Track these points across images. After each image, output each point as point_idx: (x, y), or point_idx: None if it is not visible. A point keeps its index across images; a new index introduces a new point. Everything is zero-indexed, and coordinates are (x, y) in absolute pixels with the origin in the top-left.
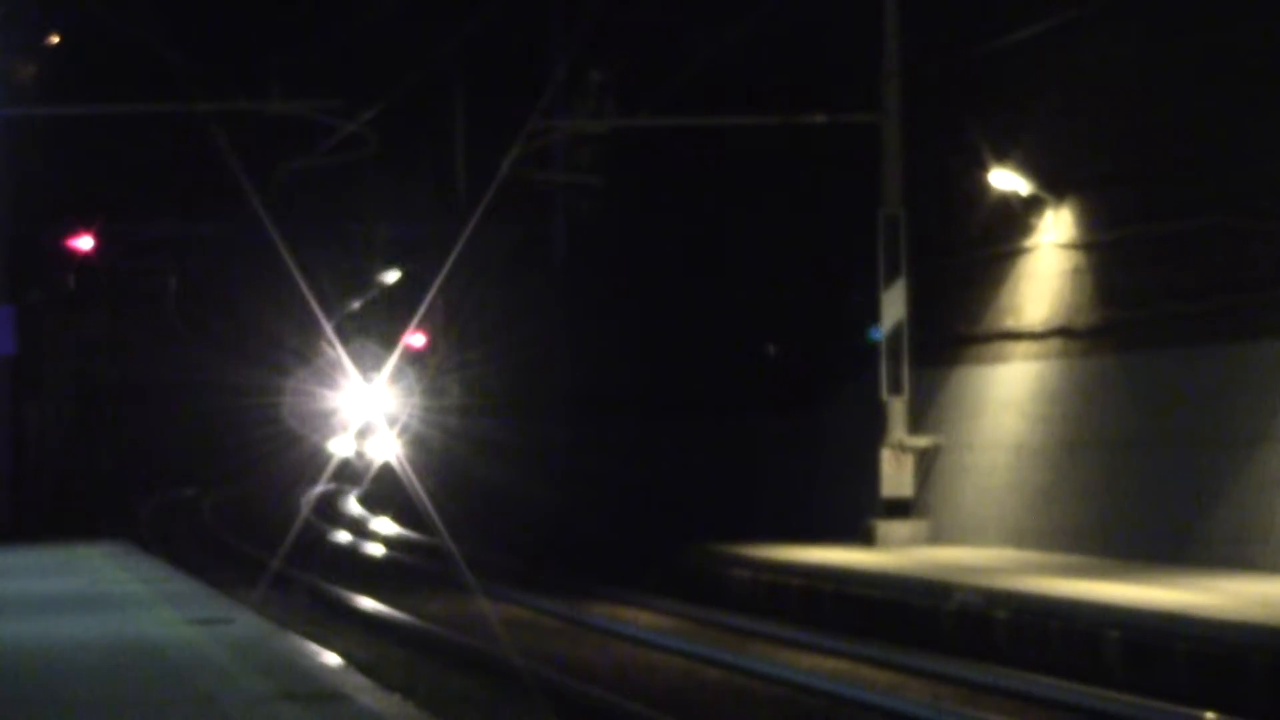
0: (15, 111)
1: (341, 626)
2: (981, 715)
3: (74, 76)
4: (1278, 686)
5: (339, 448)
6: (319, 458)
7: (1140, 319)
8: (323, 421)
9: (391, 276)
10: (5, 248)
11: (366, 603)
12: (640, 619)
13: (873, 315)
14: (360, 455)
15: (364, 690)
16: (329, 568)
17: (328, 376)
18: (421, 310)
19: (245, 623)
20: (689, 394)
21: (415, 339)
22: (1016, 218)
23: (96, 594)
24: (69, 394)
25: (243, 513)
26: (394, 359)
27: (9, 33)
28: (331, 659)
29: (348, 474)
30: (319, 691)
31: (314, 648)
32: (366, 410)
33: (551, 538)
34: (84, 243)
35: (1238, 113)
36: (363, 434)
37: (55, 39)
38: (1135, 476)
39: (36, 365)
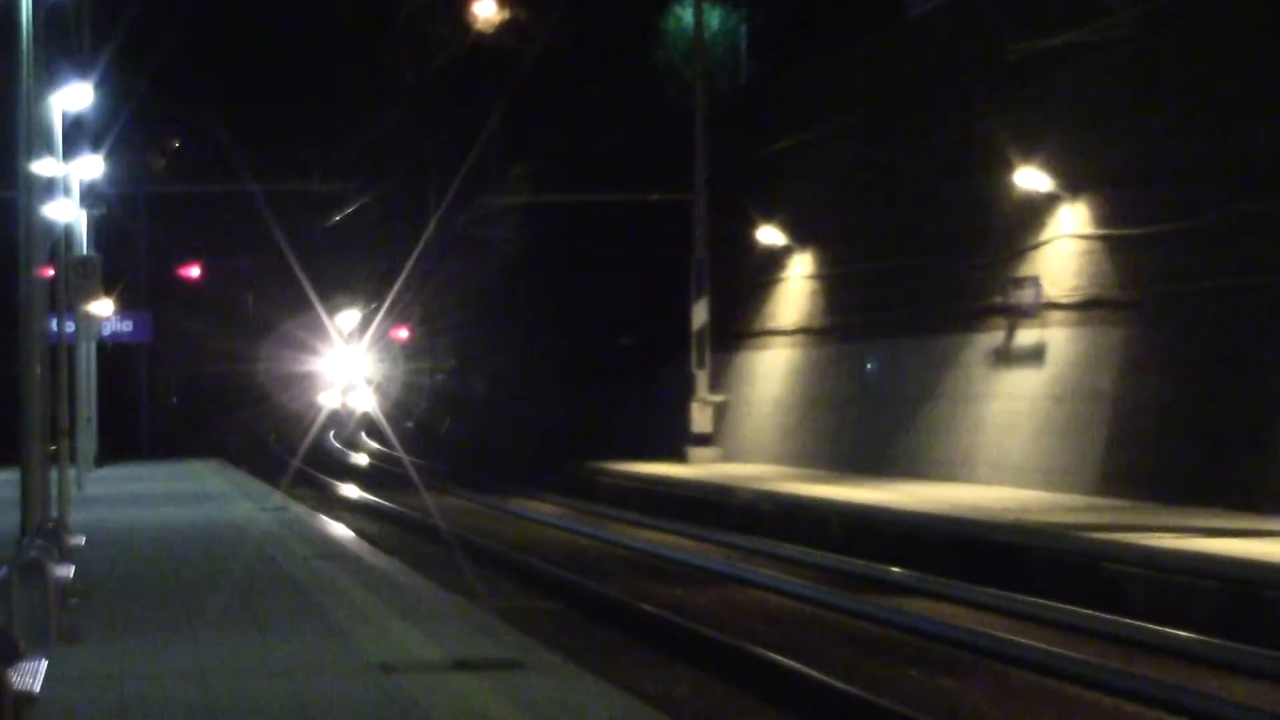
0: (154, 189)
1: (351, 508)
2: (755, 568)
3: (188, 165)
4: (939, 551)
5: (329, 401)
6: (322, 408)
7: (854, 322)
8: (326, 384)
9: (384, 295)
10: (147, 275)
11: (373, 497)
12: (541, 508)
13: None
14: (344, 406)
15: (369, 553)
16: (341, 473)
17: (331, 356)
18: (382, 311)
19: (295, 510)
20: (577, 367)
21: (401, 332)
22: (776, 259)
23: (200, 492)
24: (182, 368)
25: (287, 441)
26: (371, 340)
27: (148, 137)
28: (348, 532)
29: (337, 420)
30: (340, 553)
31: (337, 525)
32: (352, 375)
33: (486, 459)
34: (193, 271)
35: (918, 195)
36: (346, 390)
37: (176, 143)
38: (850, 420)
39: (163, 349)
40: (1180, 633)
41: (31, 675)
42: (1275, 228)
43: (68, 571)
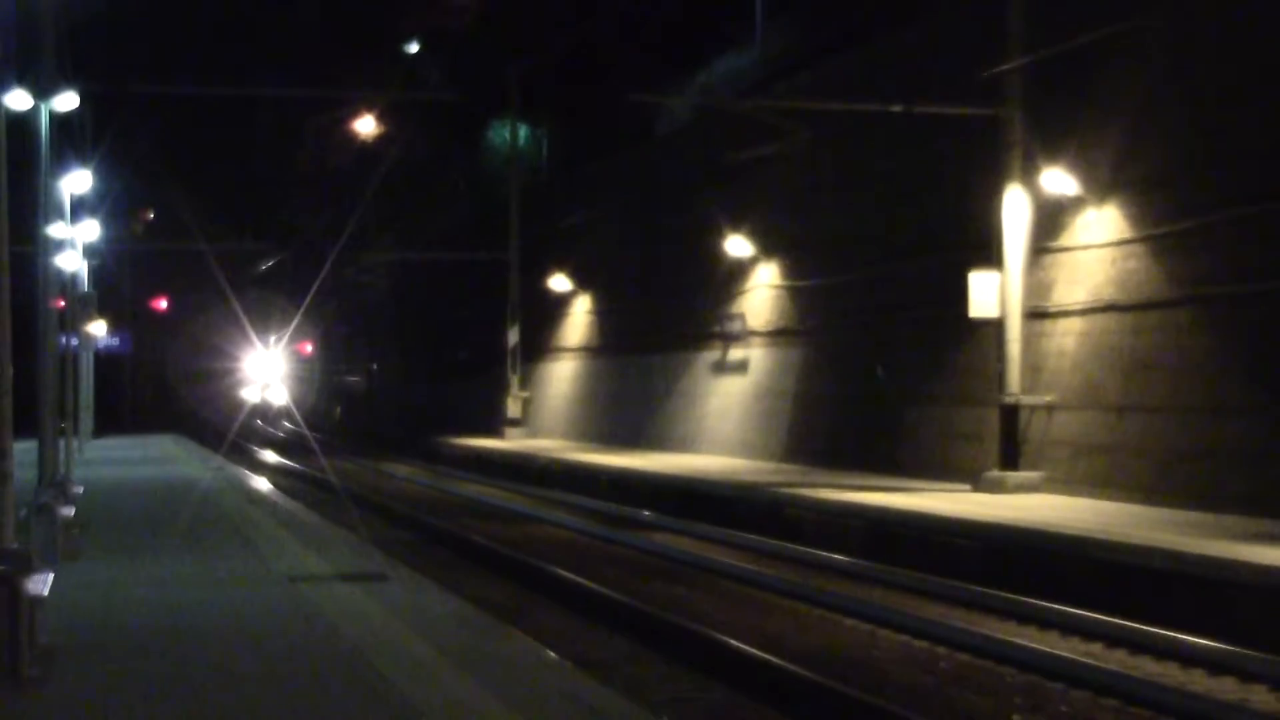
0: (135, 247)
1: (270, 469)
2: (549, 511)
3: (159, 228)
4: (674, 499)
5: (255, 395)
6: (250, 400)
7: (622, 342)
8: (253, 382)
9: (292, 320)
10: (129, 306)
11: (286, 461)
12: (402, 469)
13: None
14: (264, 400)
15: (282, 499)
16: (263, 444)
17: (257, 363)
18: (291, 331)
19: (230, 470)
20: (431, 371)
21: (306, 346)
22: (566, 299)
23: (161, 456)
24: (153, 370)
25: (228, 422)
26: (284, 351)
27: (131, 209)
28: (267, 485)
29: (260, 408)
30: (262, 499)
31: (261, 480)
32: (269, 375)
33: (365, 435)
34: (162, 303)
35: (663, 256)
36: (267, 387)
37: (150, 214)
38: (617, 409)
39: (139, 357)
40: (838, 556)
41: (43, 584)
42: (899, 283)
43: (70, 511)
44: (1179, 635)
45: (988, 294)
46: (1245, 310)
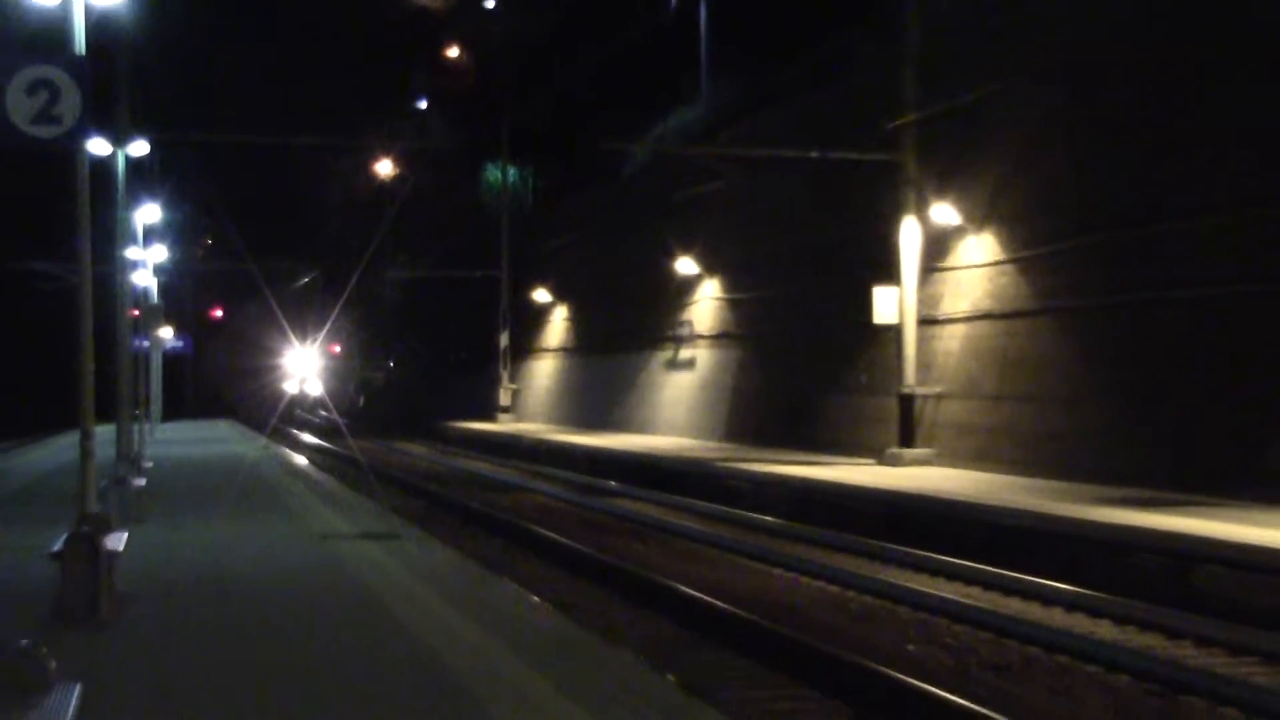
0: (196, 266)
1: (306, 448)
2: (534, 482)
3: (215, 251)
4: (636, 472)
5: (291, 387)
6: (289, 392)
7: (593, 343)
8: (292, 377)
9: (324, 325)
10: (190, 314)
11: (319, 441)
12: (414, 448)
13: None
14: (302, 392)
15: (316, 472)
16: (300, 428)
17: (294, 360)
18: (323, 334)
19: (273, 449)
20: (439, 367)
21: (336, 348)
22: (548, 308)
23: (216, 438)
24: (211, 367)
25: (271, 410)
26: (318, 351)
27: (192, 236)
28: (304, 460)
29: (297, 400)
30: (299, 472)
31: (299, 457)
32: (306, 371)
33: (385, 420)
34: (218, 312)
35: (627, 273)
36: (303, 381)
37: (209, 239)
38: (589, 398)
39: (199, 357)
40: (768, 518)
41: (118, 541)
42: (818, 295)
43: (141, 482)
44: (1040, 580)
45: (888, 305)
46: (1092, 318)
